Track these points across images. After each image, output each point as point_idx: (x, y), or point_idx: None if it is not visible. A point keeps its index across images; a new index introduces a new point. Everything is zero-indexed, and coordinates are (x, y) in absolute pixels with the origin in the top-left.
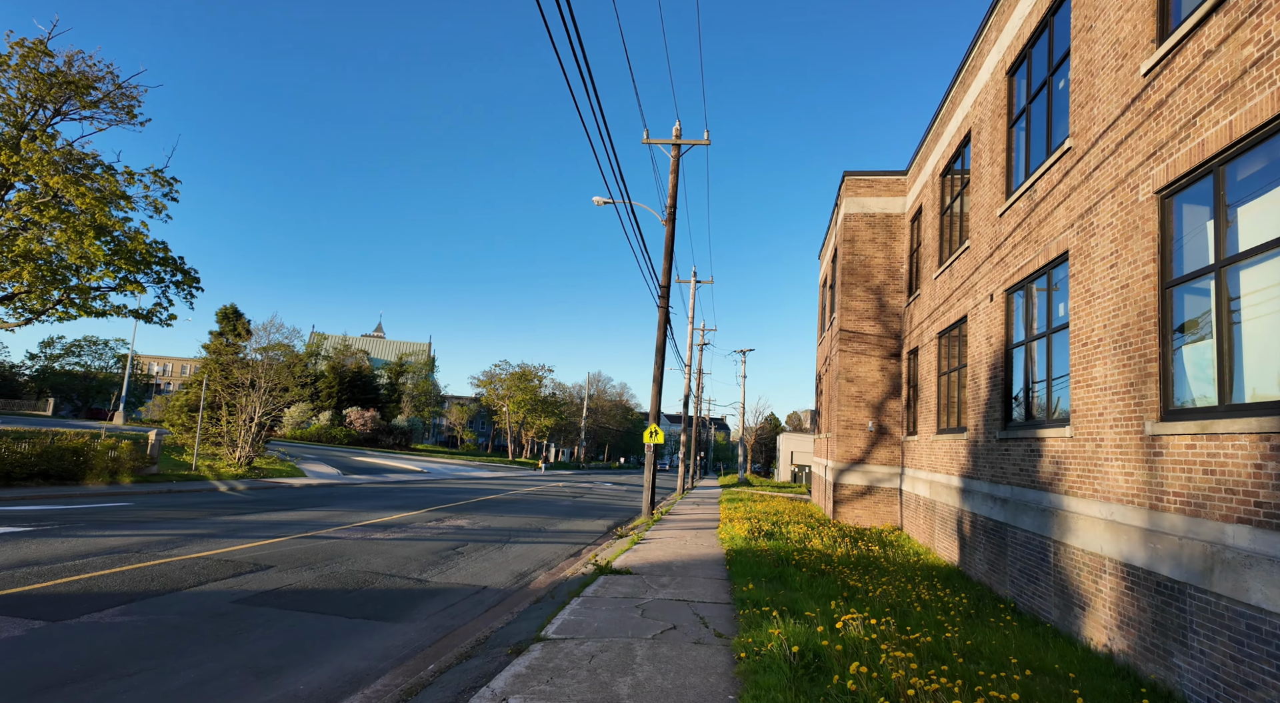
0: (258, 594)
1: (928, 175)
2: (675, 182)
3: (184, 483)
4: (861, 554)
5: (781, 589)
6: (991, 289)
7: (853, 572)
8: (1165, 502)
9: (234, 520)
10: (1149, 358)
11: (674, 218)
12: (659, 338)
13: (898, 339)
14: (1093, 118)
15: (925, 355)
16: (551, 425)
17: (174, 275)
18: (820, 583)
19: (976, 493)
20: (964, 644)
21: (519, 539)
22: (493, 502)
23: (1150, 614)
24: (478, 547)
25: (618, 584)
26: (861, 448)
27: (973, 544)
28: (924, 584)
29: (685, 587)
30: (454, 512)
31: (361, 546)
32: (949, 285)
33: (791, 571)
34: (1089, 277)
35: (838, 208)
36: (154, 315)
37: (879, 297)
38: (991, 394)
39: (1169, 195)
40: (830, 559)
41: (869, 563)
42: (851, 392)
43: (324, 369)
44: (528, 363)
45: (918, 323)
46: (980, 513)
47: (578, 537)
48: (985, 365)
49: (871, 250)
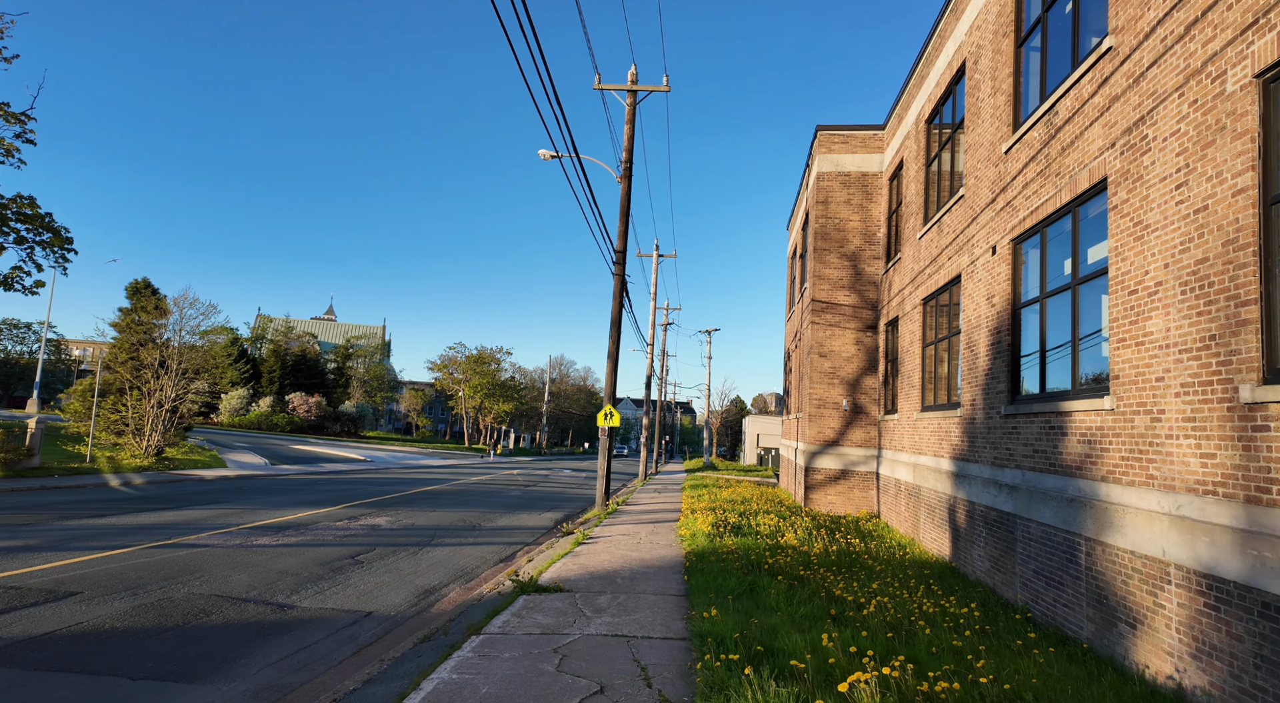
0: (7, 645)
1: (910, 125)
2: (631, 133)
3: (66, 477)
4: (842, 550)
5: (754, 611)
6: (994, 240)
7: (836, 575)
8: (1275, 493)
9: (85, 525)
10: (1243, 301)
11: (630, 174)
12: (614, 309)
13: (874, 310)
14: (1147, 2)
15: (907, 325)
16: (511, 411)
17: (38, 234)
18: (801, 595)
19: (974, 478)
20: (1002, 690)
21: (443, 541)
22: (429, 494)
23: (1252, 645)
24: (387, 553)
25: (540, 610)
26: (835, 429)
27: (969, 537)
28: (919, 589)
29: (628, 612)
30: (376, 508)
31: (231, 556)
32: (936, 244)
33: (765, 579)
34: (1140, 206)
35: (809, 168)
36: (13, 281)
37: (854, 263)
38: (994, 363)
39: (1277, 78)
40: (808, 560)
41: (852, 561)
42: (825, 367)
43: (265, 352)
44: (485, 346)
45: (898, 290)
46: (980, 502)
47: (516, 535)
48: (985, 330)
49: (846, 213)
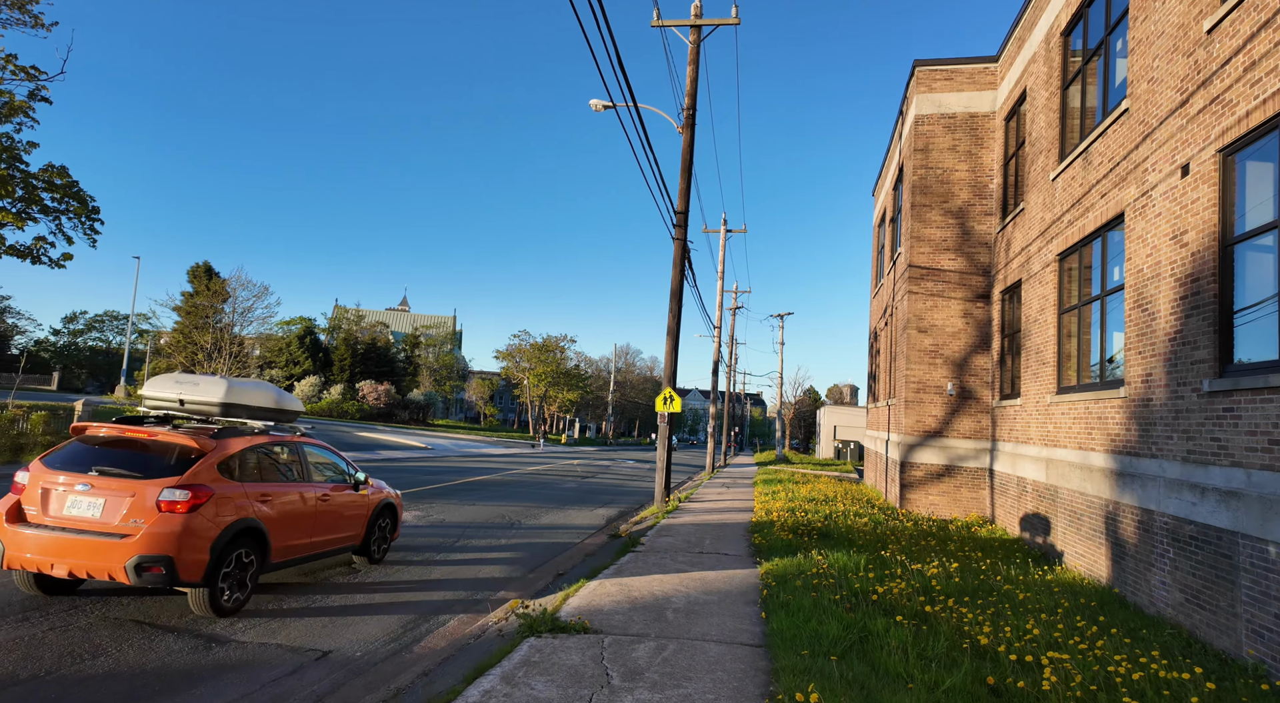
0: None
1: (1038, 44)
2: (694, 76)
3: None
4: (963, 567)
5: (871, 680)
6: (1186, 156)
7: (972, 609)
8: None
9: None
10: None
11: (693, 123)
12: (674, 279)
13: (986, 275)
14: None
15: (1034, 289)
16: (576, 400)
17: (61, 203)
18: (935, 648)
19: (1151, 479)
20: None
21: (470, 543)
22: (475, 485)
23: None
24: (396, 559)
25: (547, 669)
26: (938, 417)
27: (1142, 557)
28: (1089, 629)
29: (678, 679)
30: (411, 500)
31: None
32: (1081, 181)
33: (878, 619)
34: None
35: (903, 115)
36: (40, 253)
37: (961, 221)
38: (1185, 324)
39: None
40: (927, 584)
41: (985, 586)
42: (925, 345)
43: (337, 341)
44: (551, 335)
45: (1020, 248)
46: (1163, 511)
47: (558, 537)
48: (1171, 280)
49: (951, 161)
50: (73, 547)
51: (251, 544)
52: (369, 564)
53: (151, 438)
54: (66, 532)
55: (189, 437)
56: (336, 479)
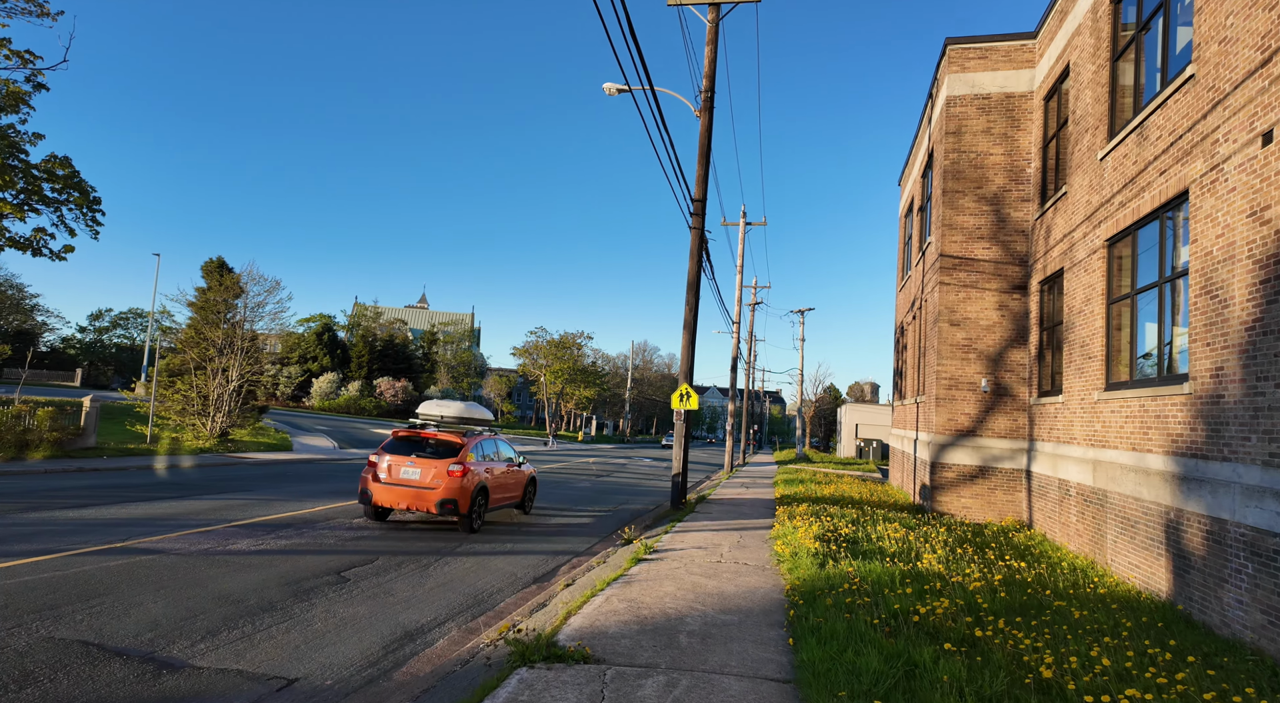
0: None
1: (1083, 14)
2: (713, 56)
3: (115, 458)
4: (1007, 579)
5: None
6: (1268, 123)
7: (1025, 631)
8: None
9: (44, 518)
10: None
11: (711, 106)
12: (691, 270)
13: (1023, 265)
14: None
15: (1079, 277)
16: (593, 397)
17: (62, 194)
18: (992, 688)
19: (1224, 485)
20: None
21: (471, 547)
22: None
23: None
24: (390, 566)
25: None
26: (971, 415)
27: (1212, 572)
28: (1160, 657)
29: None
30: None
31: (178, 567)
32: (1135, 158)
33: (922, 647)
34: None
35: (933, 97)
36: (40, 244)
37: (996, 208)
38: (1267, 311)
39: None
40: (972, 601)
41: (1035, 602)
42: (957, 339)
43: (356, 338)
44: (568, 331)
45: (1062, 234)
46: (1239, 521)
47: (568, 540)
48: (1248, 262)
49: (985, 145)
50: (406, 495)
51: (482, 496)
52: (522, 514)
53: (435, 438)
54: (403, 486)
55: (455, 435)
56: (511, 459)
